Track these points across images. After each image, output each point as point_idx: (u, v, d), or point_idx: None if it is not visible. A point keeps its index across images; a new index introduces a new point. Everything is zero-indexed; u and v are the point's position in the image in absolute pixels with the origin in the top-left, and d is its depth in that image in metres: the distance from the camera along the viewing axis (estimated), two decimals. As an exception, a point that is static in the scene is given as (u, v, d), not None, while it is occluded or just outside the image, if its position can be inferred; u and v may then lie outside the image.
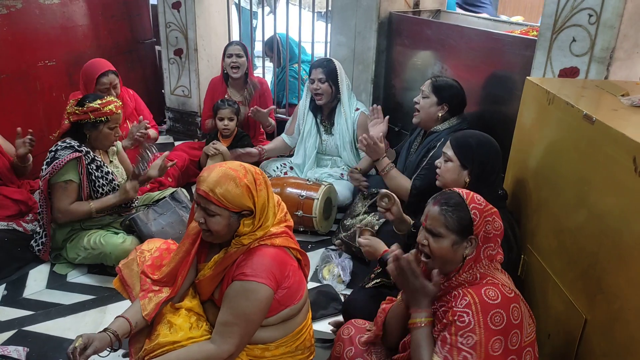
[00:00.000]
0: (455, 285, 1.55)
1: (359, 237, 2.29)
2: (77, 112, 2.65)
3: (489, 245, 1.56)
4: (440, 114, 2.71)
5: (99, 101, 2.66)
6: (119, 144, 3.01)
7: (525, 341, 1.49)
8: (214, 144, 3.56)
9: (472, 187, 1.97)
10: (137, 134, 3.34)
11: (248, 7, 5.08)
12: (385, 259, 2.14)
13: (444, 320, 1.51)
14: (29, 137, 2.91)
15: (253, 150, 3.57)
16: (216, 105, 3.65)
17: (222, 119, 3.61)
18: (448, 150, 2.11)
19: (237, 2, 5.75)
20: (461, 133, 2.18)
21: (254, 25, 5.90)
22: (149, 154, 2.81)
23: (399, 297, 1.78)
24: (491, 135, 2.15)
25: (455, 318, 1.47)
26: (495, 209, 1.59)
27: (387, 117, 3.07)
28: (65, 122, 2.72)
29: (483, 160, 2.05)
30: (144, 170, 2.80)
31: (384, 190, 2.37)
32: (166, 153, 2.97)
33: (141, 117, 3.49)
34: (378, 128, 3.08)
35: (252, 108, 3.68)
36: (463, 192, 1.59)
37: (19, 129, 2.89)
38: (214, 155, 3.53)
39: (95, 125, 2.67)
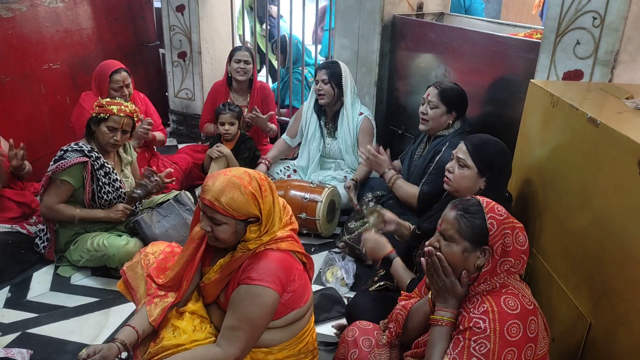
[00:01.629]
0: (473, 294, 1.53)
1: (365, 233, 2.28)
2: (93, 107, 2.74)
3: (507, 260, 1.51)
4: (450, 121, 2.72)
5: (107, 99, 2.75)
6: (134, 155, 3.03)
7: (538, 354, 1.47)
8: (217, 146, 3.56)
9: (485, 193, 1.96)
10: (140, 130, 3.36)
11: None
12: (391, 259, 2.14)
13: (460, 326, 1.49)
14: (22, 151, 2.90)
15: (262, 167, 3.54)
16: (217, 110, 3.64)
17: (223, 124, 3.60)
18: (464, 157, 2.03)
19: (249, 7, 5.78)
20: (478, 140, 2.08)
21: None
22: (149, 184, 2.82)
23: (415, 291, 1.76)
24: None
25: (472, 324, 1.45)
26: (521, 224, 1.55)
27: (388, 149, 3.07)
28: None
29: (502, 168, 2.03)
30: (140, 196, 2.82)
31: (369, 208, 2.36)
32: (168, 170, 2.99)
33: (142, 115, 3.51)
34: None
35: (250, 113, 3.68)
36: (484, 200, 1.55)
37: (11, 140, 2.88)
38: (217, 158, 3.53)
39: (97, 122, 2.71)
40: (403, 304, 1.77)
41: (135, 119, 2.80)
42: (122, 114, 2.71)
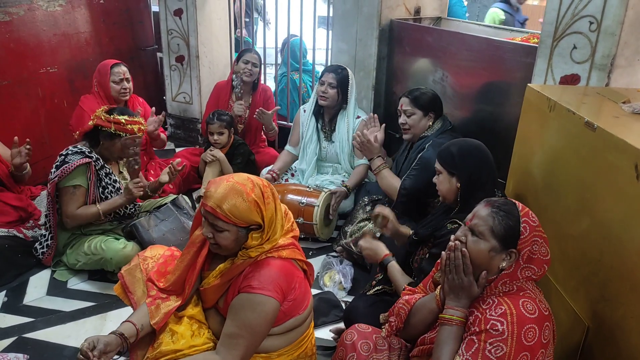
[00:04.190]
0: (488, 295, 1.51)
1: (361, 240, 2.29)
2: (102, 117, 2.69)
3: (529, 267, 1.50)
4: (430, 123, 2.81)
5: (126, 117, 2.72)
6: None
7: None
8: (211, 150, 3.56)
9: (465, 191, 1.99)
10: (152, 126, 3.48)
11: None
12: (386, 263, 2.14)
13: (474, 328, 1.46)
14: (27, 146, 2.90)
15: (268, 177, 3.51)
16: (207, 120, 3.62)
17: (212, 134, 3.60)
18: (436, 164, 2.12)
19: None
20: (445, 145, 2.16)
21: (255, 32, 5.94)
22: (136, 160, 2.82)
23: (420, 286, 1.75)
24: (492, 142, 2.15)
25: (488, 327, 1.42)
26: (546, 236, 1.54)
27: (384, 124, 3.08)
28: (90, 123, 2.74)
29: (467, 165, 2.02)
30: (138, 166, 2.82)
31: (377, 210, 2.36)
32: (178, 160, 2.99)
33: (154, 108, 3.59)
34: (374, 131, 3.08)
35: (257, 110, 3.70)
36: (519, 204, 1.54)
37: (16, 138, 2.88)
38: (211, 162, 3.53)
39: (112, 137, 2.71)
40: (407, 298, 1.74)
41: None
42: (141, 134, 2.75)
